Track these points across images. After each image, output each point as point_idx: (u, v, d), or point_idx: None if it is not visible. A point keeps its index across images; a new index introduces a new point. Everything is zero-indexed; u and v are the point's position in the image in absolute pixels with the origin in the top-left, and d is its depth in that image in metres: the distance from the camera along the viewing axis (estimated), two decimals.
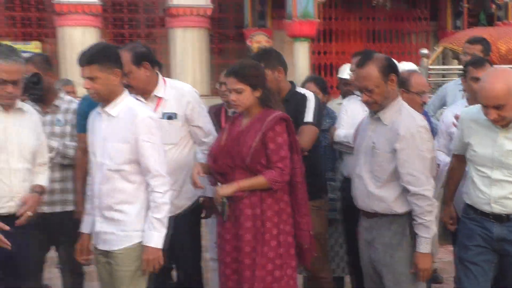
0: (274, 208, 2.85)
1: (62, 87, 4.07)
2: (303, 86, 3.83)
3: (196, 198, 3.30)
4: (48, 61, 3.79)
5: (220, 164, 2.88)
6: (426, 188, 2.66)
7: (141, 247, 2.62)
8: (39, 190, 2.98)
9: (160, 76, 3.26)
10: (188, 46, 10.88)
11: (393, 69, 2.74)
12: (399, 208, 2.70)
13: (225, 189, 2.81)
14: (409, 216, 2.72)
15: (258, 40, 8.53)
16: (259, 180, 2.80)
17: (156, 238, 2.65)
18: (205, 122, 3.28)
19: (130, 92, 3.01)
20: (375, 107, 2.77)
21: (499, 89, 2.57)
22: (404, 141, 2.64)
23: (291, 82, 3.52)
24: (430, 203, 2.66)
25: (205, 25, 11.06)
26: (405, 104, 2.82)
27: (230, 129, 2.98)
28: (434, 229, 2.78)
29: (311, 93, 3.45)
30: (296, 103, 3.36)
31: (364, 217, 2.89)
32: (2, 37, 11.04)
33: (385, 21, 11.29)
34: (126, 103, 2.76)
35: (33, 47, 10.82)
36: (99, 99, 2.78)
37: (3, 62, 2.74)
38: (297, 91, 3.45)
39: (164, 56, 11.38)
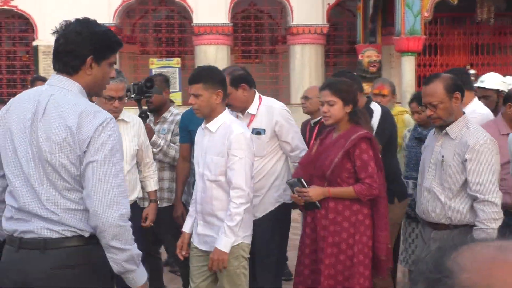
0: (351, 219, 2.89)
1: None
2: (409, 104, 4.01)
3: (280, 203, 3.40)
4: (167, 81, 4.21)
5: (305, 172, 3.01)
6: (494, 196, 2.60)
7: (234, 248, 2.78)
8: (154, 198, 3.39)
9: (257, 95, 3.40)
10: (305, 60, 11.61)
11: (458, 87, 2.75)
12: (474, 217, 2.66)
13: (316, 192, 2.90)
14: None
15: (368, 55, 8.62)
16: (349, 191, 2.86)
17: (224, 243, 2.73)
18: (293, 137, 3.37)
19: (232, 110, 3.23)
20: (439, 122, 2.76)
21: None
22: (474, 152, 2.62)
23: (368, 97, 3.68)
24: (497, 211, 2.59)
25: (321, 42, 11.77)
26: (472, 121, 2.84)
27: (321, 142, 3.08)
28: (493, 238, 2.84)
29: (379, 109, 3.55)
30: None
31: (432, 229, 2.84)
32: (151, 54, 12.78)
33: (489, 36, 11.18)
34: (224, 120, 2.87)
35: (175, 63, 11.94)
36: (201, 115, 2.92)
37: (112, 82, 2.88)
38: (369, 107, 3.54)
39: (285, 69, 12.34)
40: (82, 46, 1.98)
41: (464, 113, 2.82)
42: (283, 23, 12.50)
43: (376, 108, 3.54)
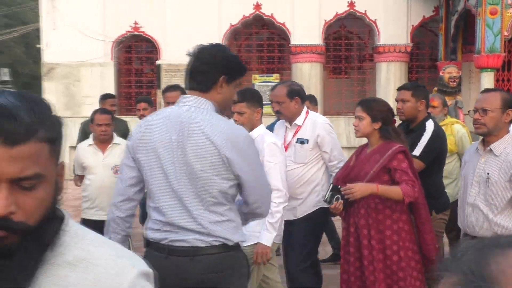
0: (392, 227, 2.94)
1: None
2: None
3: (318, 207, 3.49)
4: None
5: (341, 183, 3.04)
6: None
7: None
8: None
9: (305, 109, 3.56)
10: (390, 76, 12.21)
11: None
12: None
13: (363, 187, 2.90)
14: None
15: (449, 71, 8.89)
16: (396, 190, 2.88)
17: (267, 237, 2.89)
18: (332, 149, 3.49)
19: (280, 117, 3.49)
20: (482, 129, 2.70)
21: None
22: None
23: (428, 114, 3.71)
24: None
25: (405, 59, 12.35)
26: None
27: (357, 156, 3.17)
28: None
29: (431, 128, 3.52)
30: (417, 135, 3.51)
31: None
32: (253, 71, 13.57)
33: None
34: (259, 132, 3.08)
35: (274, 78, 12.95)
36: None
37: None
38: (424, 123, 3.56)
39: (371, 84, 12.96)
40: (216, 67, 2.11)
41: (509, 131, 2.81)
42: (371, 43, 13.03)
43: (429, 127, 3.55)
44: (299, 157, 3.43)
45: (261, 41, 13.89)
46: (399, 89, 3.66)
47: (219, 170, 2.03)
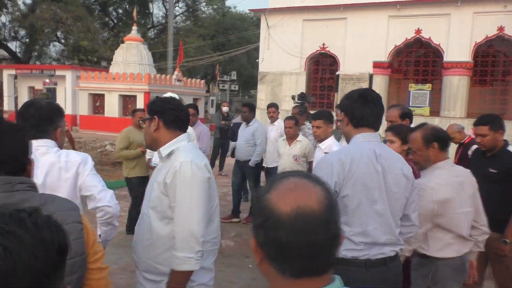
0: None
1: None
2: None
3: None
4: (303, 110, 5.96)
5: None
6: None
7: None
8: None
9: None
10: None
11: None
12: None
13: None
14: None
15: None
16: None
17: None
18: None
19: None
20: None
21: None
22: None
23: (505, 141, 3.71)
24: None
25: None
26: None
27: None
28: None
29: None
30: (508, 160, 3.57)
31: None
32: (410, 81, 16.21)
33: None
34: (329, 143, 3.90)
35: (427, 87, 15.70)
36: (319, 139, 4.03)
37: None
38: (506, 149, 3.61)
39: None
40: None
41: None
42: None
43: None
44: None
45: (419, 57, 16.58)
46: (475, 124, 3.65)
47: (406, 190, 2.34)
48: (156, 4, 38.98)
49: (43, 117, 2.27)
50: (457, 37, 15.24)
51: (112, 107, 20.68)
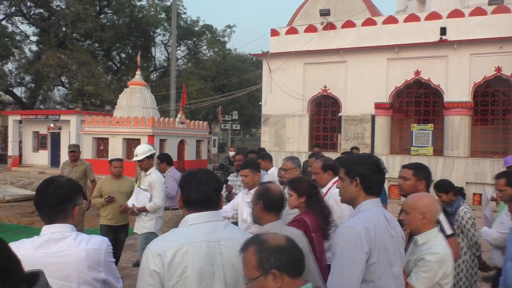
0: None
1: None
2: None
3: None
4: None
5: None
6: None
7: None
8: None
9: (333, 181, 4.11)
10: None
11: None
12: None
13: None
14: None
15: None
16: None
17: None
18: None
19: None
20: None
21: None
22: None
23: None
24: None
25: None
26: None
27: None
28: None
29: None
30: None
31: None
32: (412, 121, 16.38)
33: None
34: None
35: (429, 127, 15.85)
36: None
37: (285, 161, 4.78)
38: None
39: None
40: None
41: None
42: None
43: None
44: None
45: (419, 97, 16.96)
46: (402, 167, 3.58)
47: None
48: (158, 48, 39.95)
49: (61, 196, 2.22)
50: (456, 78, 15.54)
51: (116, 151, 20.88)
